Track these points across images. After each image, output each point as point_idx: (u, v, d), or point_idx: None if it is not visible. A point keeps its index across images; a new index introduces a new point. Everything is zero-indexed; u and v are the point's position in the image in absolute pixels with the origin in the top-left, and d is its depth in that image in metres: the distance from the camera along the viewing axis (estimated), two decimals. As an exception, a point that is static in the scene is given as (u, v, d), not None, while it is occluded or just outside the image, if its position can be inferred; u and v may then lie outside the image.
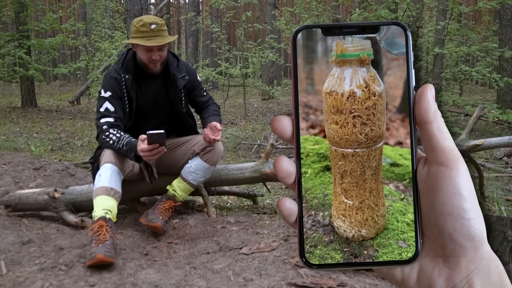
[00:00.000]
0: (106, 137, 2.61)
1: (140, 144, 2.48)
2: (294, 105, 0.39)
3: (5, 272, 2.09)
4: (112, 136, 2.60)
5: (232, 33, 25.75)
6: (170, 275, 2.06)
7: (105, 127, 2.64)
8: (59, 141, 6.66)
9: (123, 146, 2.57)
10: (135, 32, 2.73)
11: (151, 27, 2.71)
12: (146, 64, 2.78)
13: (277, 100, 14.36)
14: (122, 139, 2.58)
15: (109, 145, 2.61)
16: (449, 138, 0.38)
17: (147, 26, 2.71)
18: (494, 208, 3.33)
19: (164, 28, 2.78)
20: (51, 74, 22.61)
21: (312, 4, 16.11)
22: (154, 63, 2.77)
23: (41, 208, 2.93)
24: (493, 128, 8.28)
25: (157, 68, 2.81)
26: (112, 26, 17.15)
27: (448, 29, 7.93)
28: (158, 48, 2.74)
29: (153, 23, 2.74)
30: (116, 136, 2.60)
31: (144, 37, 2.70)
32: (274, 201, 3.60)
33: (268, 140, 4.41)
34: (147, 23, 2.72)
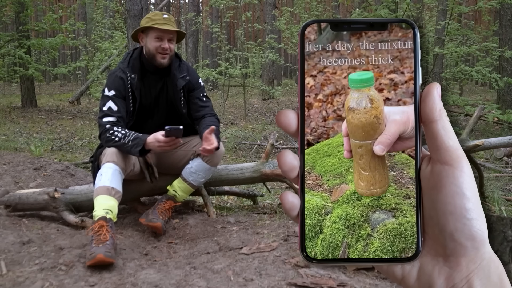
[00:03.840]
0: (111, 135, 2.61)
1: (157, 136, 2.55)
2: (300, 99, 0.41)
3: (5, 272, 2.09)
4: (117, 134, 2.61)
5: (232, 33, 25.75)
6: (170, 275, 2.06)
7: (108, 126, 2.65)
8: (59, 141, 6.66)
9: (129, 142, 2.58)
10: (146, 22, 2.79)
11: (163, 16, 2.80)
12: (154, 54, 2.77)
13: (277, 100, 14.36)
14: (128, 135, 2.60)
15: (114, 142, 2.61)
16: (454, 138, 0.38)
17: (160, 15, 2.81)
18: (494, 208, 3.33)
19: (174, 21, 2.87)
20: (51, 74, 22.61)
21: (312, 4, 16.12)
22: (163, 53, 2.77)
23: (41, 208, 2.93)
24: (493, 128, 8.28)
25: (166, 60, 2.80)
26: (112, 26, 17.15)
27: (448, 29, 7.93)
28: (168, 38, 2.77)
29: (165, 14, 2.85)
30: (122, 133, 2.61)
31: (156, 23, 2.75)
32: (274, 201, 3.60)
33: (268, 140, 4.41)
34: (159, 13, 2.83)
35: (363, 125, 0.41)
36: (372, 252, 0.40)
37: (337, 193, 0.43)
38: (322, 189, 0.42)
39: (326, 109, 0.43)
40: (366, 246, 0.41)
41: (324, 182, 0.43)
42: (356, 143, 0.41)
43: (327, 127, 0.43)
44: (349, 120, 0.41)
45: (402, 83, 0.42)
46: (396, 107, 0.41)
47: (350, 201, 0.42)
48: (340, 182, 0.43)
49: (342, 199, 0.42)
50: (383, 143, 0.40)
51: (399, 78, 0.41)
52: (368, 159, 0.41)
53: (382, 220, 0.41)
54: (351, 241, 0.41)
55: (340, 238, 0.41)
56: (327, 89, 0.43)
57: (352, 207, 0.42)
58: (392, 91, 0.42)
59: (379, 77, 0.42)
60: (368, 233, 0.41)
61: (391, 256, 0.40)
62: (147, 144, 2.58)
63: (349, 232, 0.41)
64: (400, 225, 0.40)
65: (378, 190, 0.41)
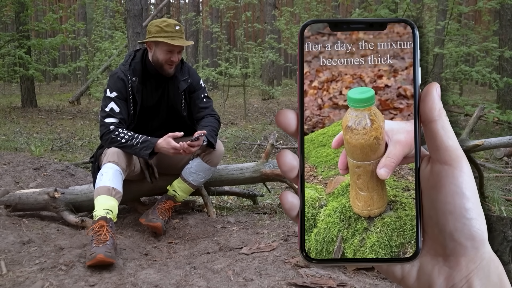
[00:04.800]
0: (116, 136, 2.62)
1: (171, 142, 2.58)
2: (299, 99, 0.41)
3: (5, 272, 2.09)
4: (123, 135, 2.62)
5: (232, 33, 25.75)
6: (170, 275, 2.06)
7: (112, 127, 2.65)
8: (59, 141, 6.66)
9: (138, 144, 2.59)
10: (157, 32, 2.74)
11: (175, 28, 2.76)
12: (162, 64, 2.78)
13: (277, 100, 14.36)
14: (136, 137, 2.62)
15: (120, 143, 2.61)
16: (453, 137, 0.38)
17: (172, 27, 2.75)
18: (494, 208, 3.33)
19: (184, 31, 2.85)
20: (51, 74, 22.60)
21: (312, 4, 16.12)
22: (171, 64, 2.78)
23: (41, 208, 2.93)
24: (493, 128, 8.28)
25: (172, 69, 2.81)
26: (112, 26, 17.14)
27: (448, 29, 7.93)
28: (178, 51, 2.78)
29: (177, 25, 2.79)
30: (128, 135, 2.62)
31: (169, 36, 2.72)
32: (274, 201, 3.60)
33: (268, 140, 4.41)
34: (172, 24, 2.77)
35: (362, 146, 0.39)
36: (369, 247, 0.39)
37: (332, 185, 0.41)
38: (316, 180, 0.41)
39: (321, 96, 0.41)
40: (363, 240, 0.39)
41: (319, 173, 0.41)
42: (354, 163, 0.40)
43: (322, 116, 0.41)
44: (347, 140, 0.39)
45: (401, 84, 0.41)
46: (400, 123, 0.40)
47: (345, 193, 0.41)
48: (335, 174, 0.41)
49: (337, 191, 0.41)
50: (388, 167, 0.39)
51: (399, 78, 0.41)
52: (366, 179, 0.40)
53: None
54: (346, 235, 0.39)
55: (335, 232, 0.40)
56: (323, 77, 0.42)
57: (347, 200, 0.40)
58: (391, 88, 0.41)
59: (379, 78, 0.41)
60: (365, 227, 0.40)
61: (389, 251, 0.39)
62: (157, 147, 2.59)
63: (345, 226, 0.40)
64: (399, 218, 0.39)
65: (376, 211, 0.39)
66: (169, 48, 2.74)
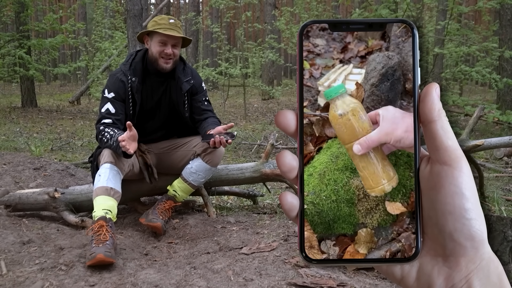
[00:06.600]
0: (102, 136, 2.61)
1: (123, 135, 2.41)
2: (299, 100, 0.41)
3: (5, 272, 2.09)
4: (106, 135, 2.59)
5: (232, 33, 25.75)
6: (170, 275, 2.06)
7: (101, 128, 2.65)
8: (59, 141, 6.66)
9: (113, 143, 2.54)
10: (152, 26, 2.79)
11: (169, 21, 2.79)
12: (157, 58, 2.77)
13: (277, 100, 14.36)
14: (114, 136, 2.55)
15: (104, 143, 2.61)
16: (453, 138, 0.38)
17: (166, 20, 2.80)
18: (494, 208, 3.33)
19: (180, 26, 2.87)
20: (51, 74, 22.61)
21: (312, 4, 16.11)
22: (166, 58, 2.77)
23: (41, 208, 2.93)
24: (493, 128, 8.29)
25: (169, 65, 2.80)
26: (112, 26, 17.14)
27: (448, 29, 7.93)
28: (172, 44, 2.77)
29: (172, 18, 2.84)
30: (110, 134, 2.58)
31: (161, 28, 2.75)
32: (274, 201, 3.60)
33: (268, 140, 4.41)
34: (166, 18, 2.83)
35: (341, 129, 0.41)
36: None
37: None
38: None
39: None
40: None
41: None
42: (346, 147, 0.42)
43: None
44: (335, 128, 0.41)
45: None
46: (398, 113, 0.40)
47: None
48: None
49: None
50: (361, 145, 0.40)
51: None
52: (359, 157, 0.41)
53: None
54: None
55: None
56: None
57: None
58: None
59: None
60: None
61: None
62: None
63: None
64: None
65: (385, 185, 0.40)
66: (161, 39, 2.74)
